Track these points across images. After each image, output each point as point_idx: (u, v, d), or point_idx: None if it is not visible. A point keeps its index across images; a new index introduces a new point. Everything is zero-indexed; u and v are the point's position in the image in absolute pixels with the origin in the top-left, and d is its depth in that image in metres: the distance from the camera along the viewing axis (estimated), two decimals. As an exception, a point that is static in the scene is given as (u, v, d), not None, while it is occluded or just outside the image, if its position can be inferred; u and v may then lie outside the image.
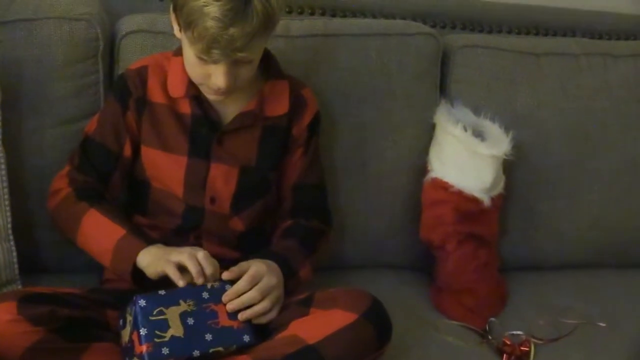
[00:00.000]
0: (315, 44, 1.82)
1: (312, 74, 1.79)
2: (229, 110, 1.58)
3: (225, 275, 1.44)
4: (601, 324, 1.77)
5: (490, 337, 1.74)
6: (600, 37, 2.16)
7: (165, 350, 1.36)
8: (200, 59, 1.45)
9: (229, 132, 1.57)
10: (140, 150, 1.59)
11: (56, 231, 1.62)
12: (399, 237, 1.93)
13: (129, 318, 1.38)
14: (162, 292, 1.40)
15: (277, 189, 1.65)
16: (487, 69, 1.91)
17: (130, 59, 1.72)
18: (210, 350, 1.38)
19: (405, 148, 1.89)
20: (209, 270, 1.43)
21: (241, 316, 1.42)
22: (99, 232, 1.51)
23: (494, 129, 1.86)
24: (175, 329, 1.37)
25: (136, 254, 1.46)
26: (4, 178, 1.61)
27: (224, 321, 1.41)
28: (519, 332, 1.74)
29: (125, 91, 1.58)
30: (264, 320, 1.45)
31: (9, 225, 1.62)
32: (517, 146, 1.83)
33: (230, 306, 1.42)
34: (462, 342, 1.69)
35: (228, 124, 1.57)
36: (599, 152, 1.96)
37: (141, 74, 1.59)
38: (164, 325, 1.37)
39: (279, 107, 1.60)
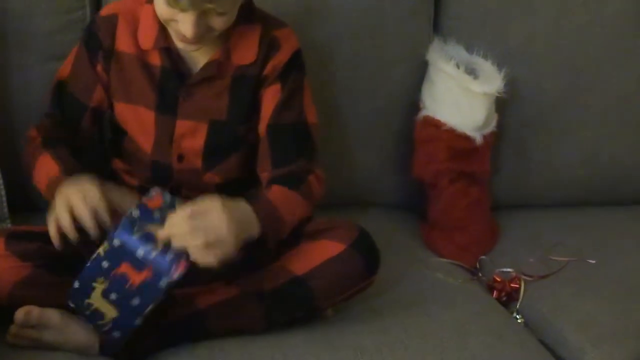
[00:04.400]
0: (306, -20, 1.80)
1: (303, 12, 1.76)
2: (200, 63, 1.49)
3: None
4: (591, 261, 1.77)
5: (480, 275, 1.76)
6: (595, -29, 2.13)
7: (116, 334, 1.35)
8: (169, 4, 1.37)
9: (195, 84, 1.49)
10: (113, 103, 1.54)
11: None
12: (391, 176, 1.93)
13: None
14: (75, 284, 1.34)
15: (255, 137, 1.55)
16: (480, 5, 1.89)
17: (117, -6, 1.70)
18: (146, 311, 1.33)
19: (398, 86, 1.88)
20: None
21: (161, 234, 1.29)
22: (42, 170, 1.47)
23: (486, 66, 1.84)
24: (109, 311, 1.34)
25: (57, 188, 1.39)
26: (-9, 114, 1.61)
27: (136, 279, 1.32)
28: (509, 269, 1.75)
29: (95, 41, 1.51)
30: (200, 260, 1.30)
31: (-3, 162, 1.62)
32: (509, 83, 1.82)
33: (161, 235, 1.29)
34: (453, 279, 1.69)
35: (193, 76, 1.49)
36: (592, 88, 1.95)
37: (111, 21, 1.50)
38: (99, 314, 1.34)
39: (248, 54, 1.49)
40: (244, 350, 1.41)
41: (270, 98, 1.51)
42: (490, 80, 1.81)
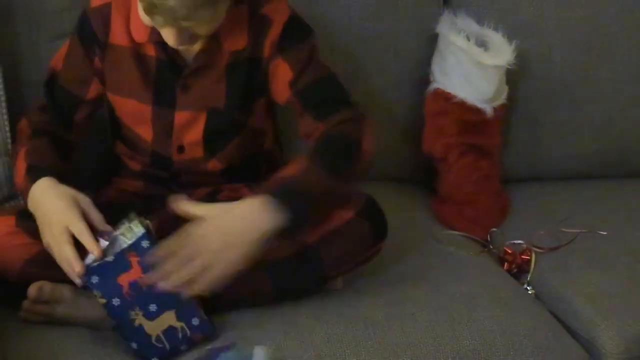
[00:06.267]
0: (314, -46, 1.79)
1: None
2: (194, 53, 1.46)
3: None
4: (602, 233, 1.77)
5: (491, 247, 1.75)
6: (608, -58, 2.10)
7: (195, 321, 1.36)
8: (147, 15, 1.34)
9: (191, 75, 1.47)
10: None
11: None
12: (401, 150, 1.93)
13: None
14: (133, 345, 1.36)
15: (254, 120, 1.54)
16: (490, -23, 1.88)
17: (125, -30, 1.70)
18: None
19: (408, 59, 1.87)
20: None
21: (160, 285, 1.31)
22: (16, 168, 1.48)
23: (497, 39, 1.83)
24: (170, 320, 1.35)
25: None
26: (2, 93, 1.61)
27: (134, 275, 1.32)
28: (519, 242, 1.74)
29: (91, 35, 1.48)
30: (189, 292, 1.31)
31: (9, 140, 1.62)
32: (520, 56, 1.81)
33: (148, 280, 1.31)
34: (464, 251, 1.69)
35: (187, 67, 1.47)
36: (603, 62, 1.93)
37: (104, 14, 1.47)
38: (171, 332, 1.36)
39: (238, 39, 1.46)
40: (256, 324, 1.42)
41: (280, 73, 1.48)
42: (501, 53, 1.80)
